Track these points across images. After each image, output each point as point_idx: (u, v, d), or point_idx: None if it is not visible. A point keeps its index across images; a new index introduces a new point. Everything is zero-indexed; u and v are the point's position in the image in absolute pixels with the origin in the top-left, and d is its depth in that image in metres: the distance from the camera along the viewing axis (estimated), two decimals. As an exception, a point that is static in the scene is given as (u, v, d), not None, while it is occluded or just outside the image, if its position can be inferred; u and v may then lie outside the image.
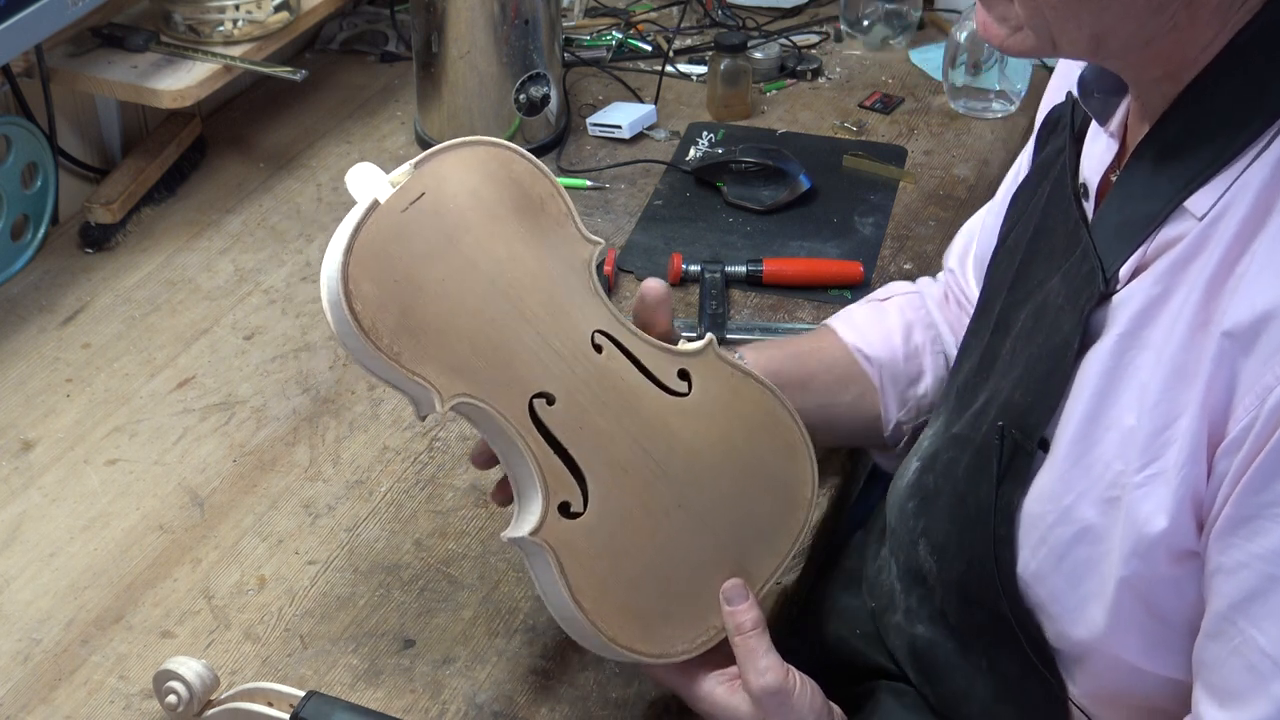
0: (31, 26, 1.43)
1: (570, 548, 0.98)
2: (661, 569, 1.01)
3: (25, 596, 1.18)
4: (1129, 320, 0.90)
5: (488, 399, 0.96)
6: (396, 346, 0.93)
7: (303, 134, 1.82)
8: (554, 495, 0.98)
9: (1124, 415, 0.89)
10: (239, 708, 1.02)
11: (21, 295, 1.53)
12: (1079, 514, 0.92)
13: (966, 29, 1.82)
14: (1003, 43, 0.90)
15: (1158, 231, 0.89)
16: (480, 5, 1.67)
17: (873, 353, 1.25)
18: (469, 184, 0.97)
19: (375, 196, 0.94)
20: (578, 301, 0.99)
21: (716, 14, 2.06)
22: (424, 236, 0.95)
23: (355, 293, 0.92)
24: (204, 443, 1.33)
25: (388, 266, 0.93)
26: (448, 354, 0.95)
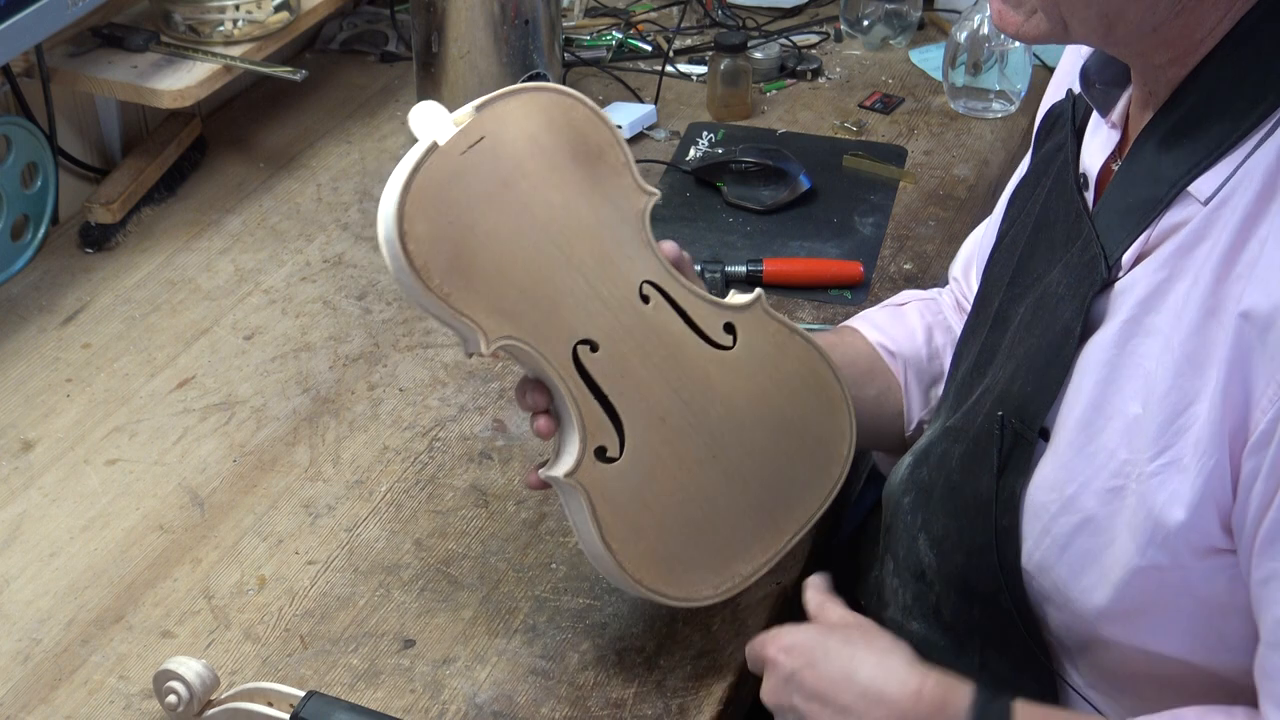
0: (31, 26, 1.43)
1: (603, 490, 1.01)
2: (691, 516, 1.05)
3: (25, 596, 1.18)
4: (1133, 307, 0.89)
5: (532, 342, 0.98)
6: (447, 286, 0.95)
7: (303, 134, 1.82)
8: (591, 439, 1.01)
9: (1128, 403, 0.89)
10: (239, 708, 1.02)
11: (21, 295, 1.53)
12: (1082, 503, 0.92)
13: (966, 29, 1.82)
14: (1018, 29, 0.91)
15: (1161, 217, 0.89)
16: (480, 5, 1.66)
17: (897, 349, 1.25)
18: (529, 129, 0.98)
19: (435, 138, 0.95)
20: (628, 251, 1.01)
21: (716, 14, 2.06)
22: (481, 180, 0.96)
23: (410, 232, 0.93)
24: (204, 443, 1.33)
25: (443, 208, 0.94)
26: (496, 296, 0.96)
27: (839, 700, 0.97)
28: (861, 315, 1.30)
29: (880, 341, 1.25)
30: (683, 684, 1.10)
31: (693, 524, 1.05)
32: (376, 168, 1.75)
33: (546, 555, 1.21)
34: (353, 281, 1.55)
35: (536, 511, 1.25)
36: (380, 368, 1.43)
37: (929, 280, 1.54)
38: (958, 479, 1.02)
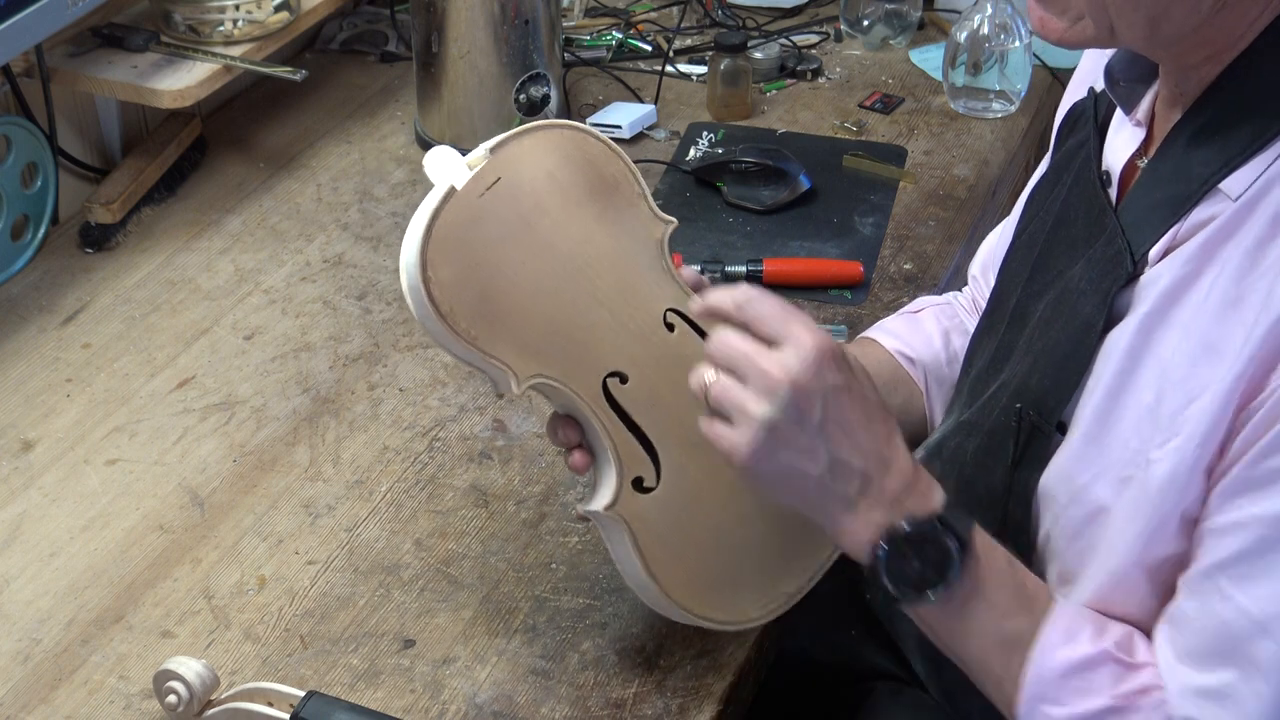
0: (31, 26, 1.43)
1: (644, 521, 1.01)
2: (732, 538, 1.04)
3: (25, 596, 1.18)
4: (1156, 299, 0.89)
5: (563, 379, 0.98)
6: (474, 330, 0.95)
7: (303, 134, 1.82)
8: (628, 470, 1.00)
9: (1144, 393, 0.89)
10: (239, 708, 1.02)
11: (21, 295, 1.53)
12: (1093, 494, 0.92)
13: (966, 29, 1.82)
14: (1061, 36, 0.91)
15: (1190, 213, 0.89)
16: (480, 5, 1.66)
17: (916, 355, 1.25)
18: (545, 167, 0.98)
19: (452, 183, 0.95)
20: (650, 280, 1.02)
21: (716, 14, 2.06)
22: (501, 221, 0.96)
23: (434, 278, 0.93)
24: (204, 443, 1.33)
25: (465, 252, 0.94)
26: (524, 336, 0.97)
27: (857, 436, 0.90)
28: (878, 325, 1.31)
29: (899, 349, 1.25)
30: (683, 684, 1.10)
31: (734, 545, 1.05)
32: (376, 168, 1.75)
33: (546, 555, 1.21)
34: (353, 281, 1.55)
35: (536, 511, 1.25)
36: (380, 368, 1.43)
37: (929, 280, 1.54)
38: (971, 472, 1.03)
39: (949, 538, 0.90)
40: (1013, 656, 0.92)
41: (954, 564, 0.90)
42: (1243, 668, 0.85)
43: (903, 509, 0.90)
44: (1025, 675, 0.91)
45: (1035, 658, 0.91)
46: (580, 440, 1.01)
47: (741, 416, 0.89)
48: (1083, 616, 0.93)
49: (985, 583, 0.92)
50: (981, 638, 0.93)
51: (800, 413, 0.88)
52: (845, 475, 0.90)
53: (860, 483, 0.90)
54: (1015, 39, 1.81)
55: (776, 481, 0.92)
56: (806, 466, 0.89)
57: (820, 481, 0.90)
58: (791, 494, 0.92)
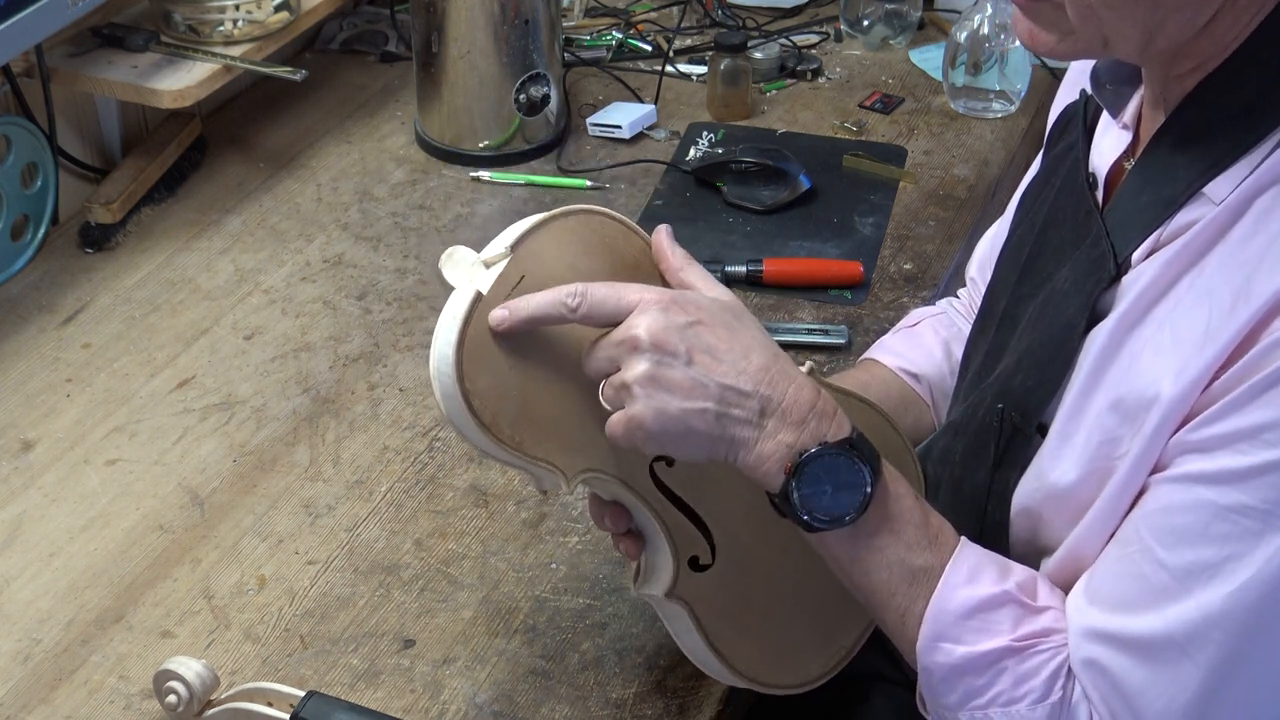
0: (31, 26, 1.43)
1: (704, 600, 1.00)
2: (787, 600, 1.04)
3: (25, 596, 1.18)
4: (1134, 299, 0.90)
5: (612, 471, 0.95)
6: (519, 436, 0.92)
7: (303, 134, 1.82)
8: (683, 552, 0.99)
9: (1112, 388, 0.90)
10: (239, 708, 1.02)
11: (21, 295, 1.53)
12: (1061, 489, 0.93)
13: (966, 29, 1.82)
14: (1052, 49, 0.90)
15: (1174, 216, 0.90)
16: (480, 5, 1.67)
17: (920, 371, 1.24)
18: (566, 258, 0.95)
19: (478, 288, 0.91)
20: None
21: (716, 14, 2.06)
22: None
23: (472, 390, 0.90)
24: (204, 443, 1.33)
25: (499, 357, 0.91)
26: (568, 434, 0.94)
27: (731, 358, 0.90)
28: (878, 345, 1.30)
29: (901, 367, 1.25)
30: (683, 684, 1.10)
31: (790, 607, 1.04)
32: (376, 168, 1.75)
33: (546, 555, 1.21)
34: (353, 281, 1.55)
35: (536, 511, 1.25)
36: (380, 368, 1.43)
37: (929, 280, 1.54)
38: (959, 473, 1.03)
39: (861, 464, 0.90)
40: (917, 591, 0.93)
41: (865, 491, 0.91)
42: (1154, 626, 0.85)
43: (812, 433, 0.90)
44: (926, 612, 0.92)
45: (937, 595, 0.92)
46: (629, 525, 0.99)
47: (624, 391, 0.90)
48: (987, 558, 0.94)
49: (894, 515, 0.93)
50: (887, 570, 0.93)
51: (664, 353, 0.88)
52: (739, 400, 0.89)
53: (758, 404, 0.89)
54: (1015, 39, 1.81)
55: (685, 436, 0.90)
56: (699, 403, 0.89)
57: (719, 415, 0.89)
58: (702, 441, 0.90)
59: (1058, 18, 0.88)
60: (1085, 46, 0.89)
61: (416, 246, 1.61)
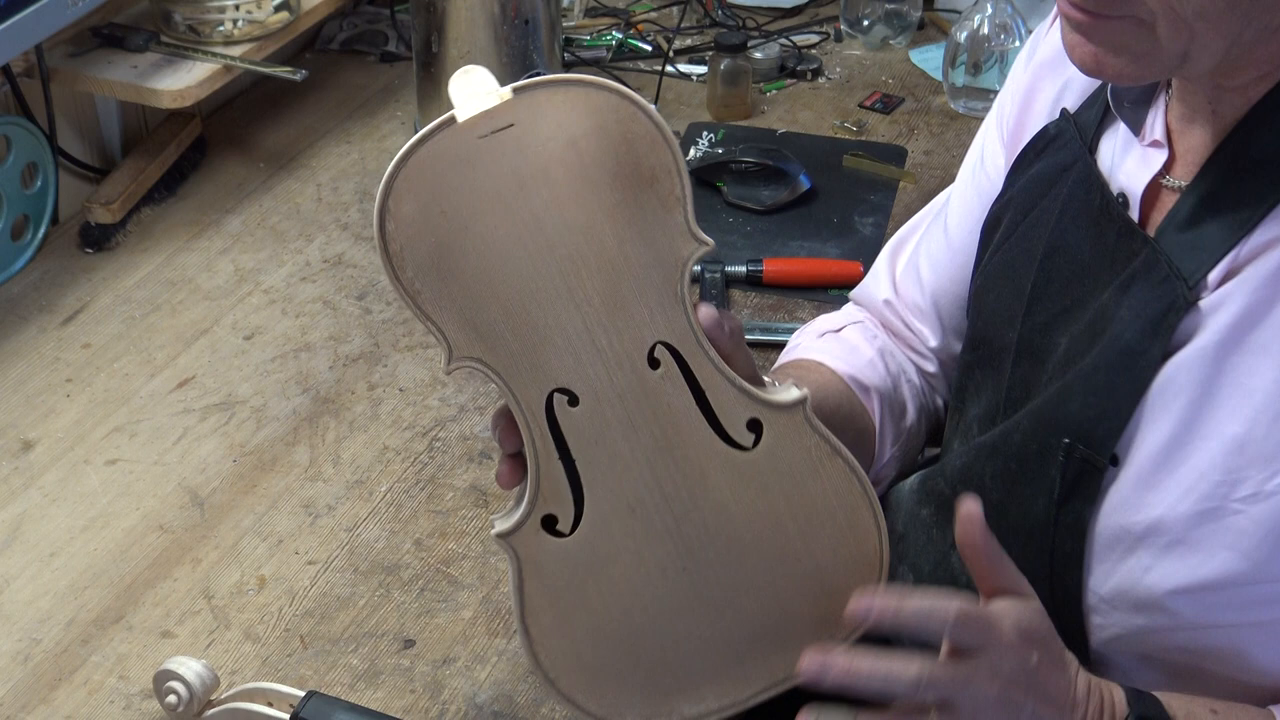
0: (31, 26, 1.43)
1: (537, 566, 0.87)
2: (635, 629, 0.89)
3: (25, 596, 1.18)
4: (1229, 325, 0.86)
5: (503, 373, 0.84)
6: (419, 284, 0.82)
7: (303, 134, 1.82)
8: (542, 502, 0.86)
9: (1227, 423, 0.86)
10: (239, 708, 1.02)
11: (21, 295, 1.53)
12: (1168, 526, 0.88)
13: (966, 29, 1.82)
14: (1120, 73, 0.84)
15: (1251, 234, 0.86)
16: (480, 5, 1.67)
17: (869, 383, 1.14)
18: (570, 130, 0.82)
19: (460, 111, 0.81)
20: (650, 301, 0.84)
21: (716, 14, 2.06)
22: (494, 173, 0.82)
23: (394, 210, 0.81)
24: (204, 443, 1.33)
25: (439, 193, 0.81)
26: (474, 311, 0.83)
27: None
28: (807, 347, 1.18)
29: (850, 375, 1.13)
30: (683, 684, 1.10)
31: (634, 638, 0.88)
32: (376, 168, 1.75)
33: (546, 555, 1.21)
34: (353, 281, 1.55)
35: (536, 511, 1.25)
36: (380, 368, 1.43)
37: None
38: (996, 498, 0.98)
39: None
40: None
41: None
42: None
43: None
44: None
45: None
46: (519, 449, 0.86)
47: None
48: None
49: None
50: None
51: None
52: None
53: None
54: (1015, 39, 1.81)
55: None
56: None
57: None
58: None
59: (1133, 37, 0.82)
60: (1160, 68, 0.83)
61: (416, 246, 1.61)
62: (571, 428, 0.85)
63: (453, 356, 0.84)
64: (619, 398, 0.85)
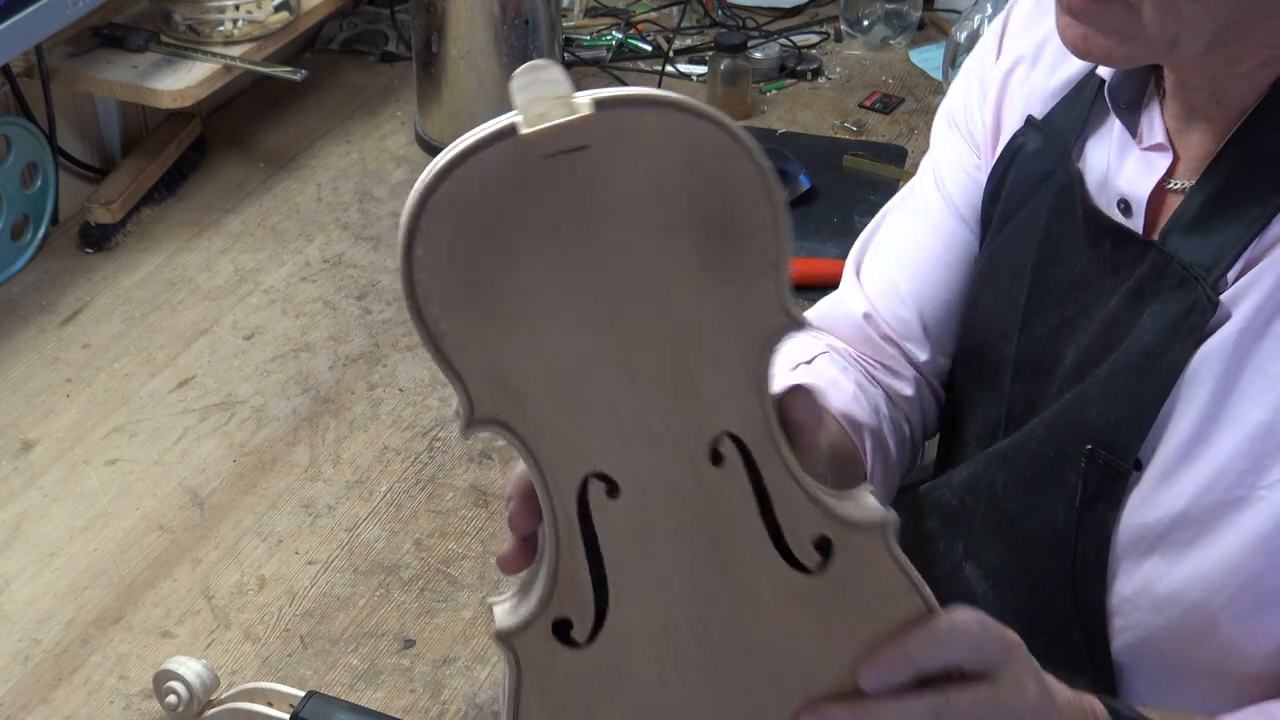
0: (31, 26, 1.43)
1: (542, 677, 0.72)
2: None
3: (25, 596, 1.18)
4: (1249, 315, 0.85)
5: (533, 445, 0.69)
6: (445, 322, 0.68)
7: (303, 134, 1.82)
8: (557, 604, 0.71)
9: (1250, 410, 0.85)
10: (239, 708, 1.02)
11: (21, 295, 1.53)
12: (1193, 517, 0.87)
13: (966, 29, 1.82)
14: (1109, 54, 0.83)
15: (1270, 227, 0.85)
16: (480, 5, 1.67)
17: (860, 418, 1.06)
18: (656, 162, 0.67)
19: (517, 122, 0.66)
20: (723, 384, 0.70)
21: (716, 14, 2.06)
22: (555, 203, 0.67)
23: (426, 231, 0.66)
24: (204, 443, 1.33)
25: (485, 217, 0.67)
26: (508, 364, 0.68)
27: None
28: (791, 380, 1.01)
29: (843, 411, 1.05)
30: (683, 684, 1.10)
31: None
32: (376, 168, 1.75)
33: (546, 555, 1.21)
34: (353, 281, 1.55)
35: (536, 511, 1.25)
36: (380, 368, 1.43)
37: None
38: (1012, 509, 0.96)
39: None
40: None
41: None
42: None
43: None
44: None
45: None
46: (530, 530, 0.73)
47: None
48: None
49: None
50: None
51: None
52: None
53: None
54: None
55: None
56: None
57: None
58: None
59: (1123, 20, 0.81)
60: (1149, 50, 0.83)
61: (416, 246, 1.61)
62: (606, 523, 0.70)
63: (474, 416, 0.69)
64: (669, 494, 0.70)
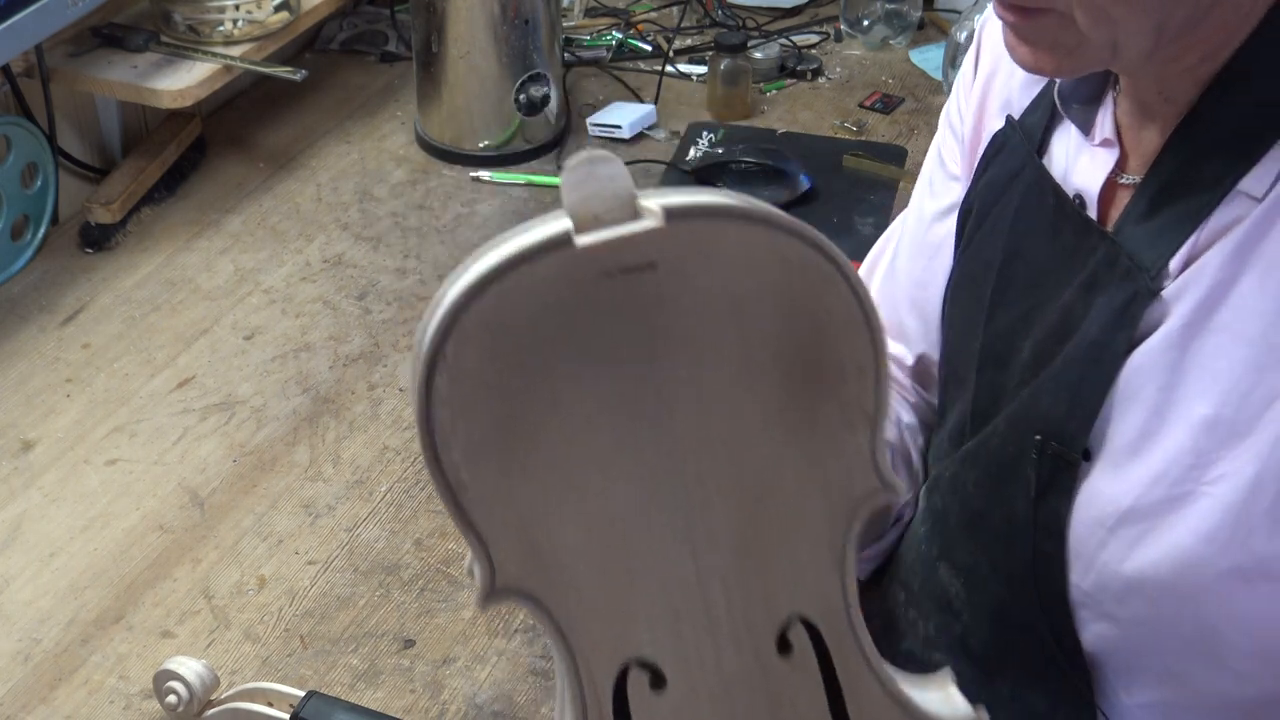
0: (31, 26, 1.43)
1: None
2: None
3: (25, 596, 1.18)
4: (1192, 309, 0.86)
5: (564, 624, 0.58)
6: (467, 473, 0.55)
7: (303, 134, 1.82)
8: None
9: (1195, 405, 0.85)
10: (239, 708, 1.02)
11: (21, 295, 1.53)
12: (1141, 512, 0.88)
13: (966, 29, 1.82)
14: (1058, 67, 0.85)
15: (1208, 219, 0.85)
16: (480, 5, 1.67)
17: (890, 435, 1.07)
18: (736, 286, 0.55)
19: (572, 231, 0.54)
20: (799, 557, 0.59)
21: (716, 14, 2.06)
22: (613, 330, 0.55)
23: (451, 358, 0.55)
24: (204, 443, 1.33)
25: (526, 344, 0.54)
26: (541, 528, 0.57)
27: None
28: None
29: None
30: (683, 684, 1.10)
31: None
32: (376, 168, 1.75)
33: (546, 555, 1.21)
34: (353, 281, 1.55)
35: (536, 511, 1.25)
36: (380, 368, 1.43)
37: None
38: (979, 505, 0.98)
39: None
40: None
41: None
42: None
43: None
44: None
45: None
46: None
47: None
48: None
49: None
50: None
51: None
52: None
53: None
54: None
55: None
56: None
57: None
58: None
59: (1060, 31, 0.83)
60: (1093, 58, 0.84)
61: (416, 246, 1.61)
62: (646, 717, 0.59)
63: (494, 587, 0.57)
64: (725, 690, 0.59)
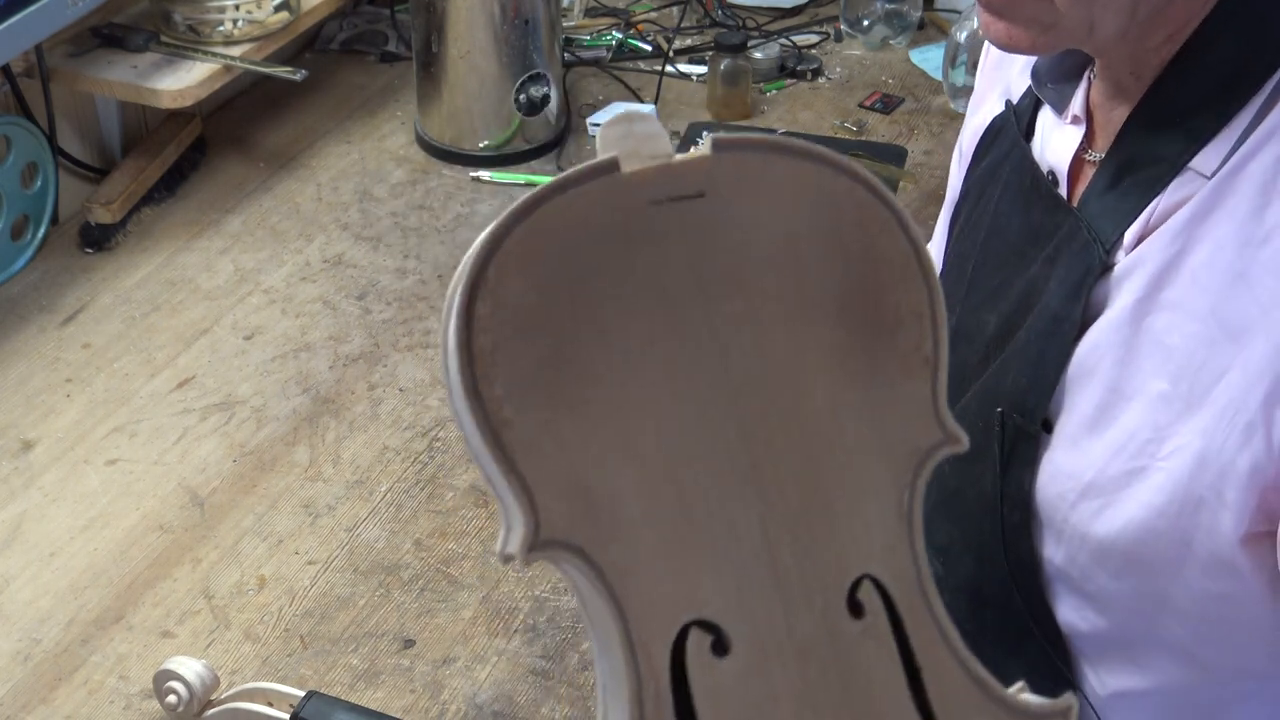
0: (31, 26, 1.43)
1: None
2: None
3: (25, 596, 1.18)
4: (1144, 285, 0.87)
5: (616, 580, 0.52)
6: (510, 408, 0.51)
7: (303, 134, 1.82)
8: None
9: (1149, 381, 0.86)
10: (239, 708, 1.02)
11: (21, 295, 1.53)
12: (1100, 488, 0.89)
13: (966, 29, 1.82)
14: (1033, 44, 0.87)
15: (1160, 195, 0.87)
16: (480, 5, 1.67)
17: None
18: (789, 221, 0.53)
19: (619, 154, 0.52)
20: (864, 511, 0.56)
21: (716, 14, 2.06)
22: (662, 260, 0.52)
23: (493, 283, 0.50)
24: (204, 443, 1.33)
25: (572, 272, 0.51)
26: (592, 469, 0.51)
27: None
28: None
29: None
30: (683, 684, 1.10)
31: None
32: (376, 168, 1.75)
33: (546, 555, 1.21)
34: (353, 281, 1.55)
35: (536, 511, 1.25)
36: (380, 368, 1.43)
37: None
38: (954, 483, 1.00)
39: None
40: None
41: None
42: None
43: None
44: None
45: None
46: None
47: None
48: None
49: None
50: None
51: None
52: None
53: None
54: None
55: None
56: None
57: None
58: None
59: (1038, 10, 0.85)
60: (1068, 36, 0.86)
61: (416, 246, 1.61)
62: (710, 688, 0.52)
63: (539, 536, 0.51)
64: (795, 655, 0.53)
